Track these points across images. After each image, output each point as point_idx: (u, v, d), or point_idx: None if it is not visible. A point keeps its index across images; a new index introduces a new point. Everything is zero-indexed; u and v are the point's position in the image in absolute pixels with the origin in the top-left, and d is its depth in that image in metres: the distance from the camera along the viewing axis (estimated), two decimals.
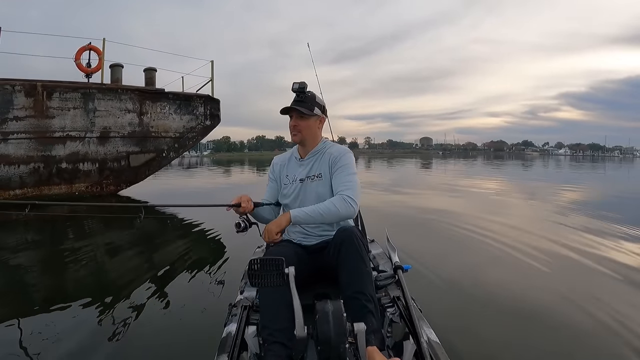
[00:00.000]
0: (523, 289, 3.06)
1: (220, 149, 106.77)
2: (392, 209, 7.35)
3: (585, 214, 6.50)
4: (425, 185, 13.35)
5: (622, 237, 4.82)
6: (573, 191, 10.92)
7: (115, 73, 9.33)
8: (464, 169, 24.27)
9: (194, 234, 5.51)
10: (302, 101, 1.80)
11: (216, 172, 22.07)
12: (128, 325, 2.50)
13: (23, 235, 5.49)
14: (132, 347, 2.25)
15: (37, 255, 4.55)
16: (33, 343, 2.27)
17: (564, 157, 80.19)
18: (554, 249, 4.21)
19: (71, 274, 3.80)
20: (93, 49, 9.10)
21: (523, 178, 17.40)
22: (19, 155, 7.87)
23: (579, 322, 2.46)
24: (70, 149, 8.45)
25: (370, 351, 1.17)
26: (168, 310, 2.78)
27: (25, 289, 3.40)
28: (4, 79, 7.79)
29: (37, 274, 3.88)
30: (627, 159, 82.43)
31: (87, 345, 2.24)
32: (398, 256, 2.01)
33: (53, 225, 5.95)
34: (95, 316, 2.65)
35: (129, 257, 4.43)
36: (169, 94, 9.84)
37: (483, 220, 5.89)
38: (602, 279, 3.34)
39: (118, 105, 8.97)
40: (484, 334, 2.33)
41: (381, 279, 1.85)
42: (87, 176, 8.79)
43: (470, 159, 52.15)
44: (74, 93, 8.43)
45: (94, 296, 3.00)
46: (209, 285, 3.29)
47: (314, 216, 1.67)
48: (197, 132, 10.39)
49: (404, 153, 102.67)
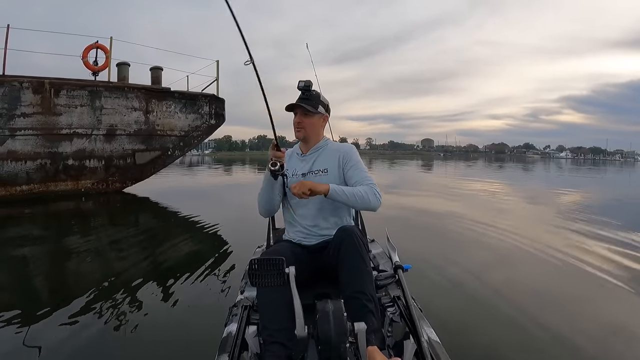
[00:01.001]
0: (525, 289, 3.06)
1: (221, 148, 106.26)
2: (395, 211, 7.35)
3: (587, 218, 6.49)
4: (429, 187, 13.37)
5: (621, 241, 4.80)
6: (574, 194, 10.93)
7: (122, 71, 9.38)
8: (466, 172, 24.18)
9: (195, 232, 5.53)
10: (308, 99, 1.83)
11: (217, 171, 22.00)
12: (127, 325, 2.49)
13: (29, 230, 5.52)
14: (132, 347, 2.24)
15: (40, 250, 4.56)
16: (36, 338, 2.29)
17: (565, 160, 79.88)
18: (555, 250, 4.20)
19: (69, 269, 3.82)
20: (100, 47, 9.14)
21: (525, 181, 17.37)
22: (26, 152, 7.91)
23: (578, 322, 2.46)
24: (76, 146, 8.49)
25: (370, 351, 1.17)
26: (168, 310, 2.76)
27: (29, 284, 3.43)
28: (12, 75, 7.84)
29: (38, 269, 3.87)
30: (628, 162, 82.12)
31: (88, 344, 2.23)
32: (398, 256, 2.01)
33: (59, 221, 6.06)
34: (95, 314, 2.64)
35: (131, 254, 4.44)
36: (174, 92, 9.88)
37: (487, 222, 5.87)
38: (602, 281, 3.33)
39: (125, 104, 9.02)
40: (483, 333, 2.32)
41: (381, 278, 1.85)
42: (93, 173, 8.84)
43: (472, 161, 52.00)
44: (81, 91, 8.47)
45: (95, 293, 3.01)
46: (209, 285, 3.26)
47: (349, 196, 1.69)
48: (202, 131, 10.43)
49: (405, 154, 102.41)
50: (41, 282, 3.54)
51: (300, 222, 1.85)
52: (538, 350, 2.15)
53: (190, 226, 5.94)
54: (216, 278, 3.45)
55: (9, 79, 7.74)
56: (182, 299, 2.93)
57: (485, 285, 3.18)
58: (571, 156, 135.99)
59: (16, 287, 3.36)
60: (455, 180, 16.53)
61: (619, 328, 2.44)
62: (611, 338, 2.32)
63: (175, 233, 5.58)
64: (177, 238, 5.19)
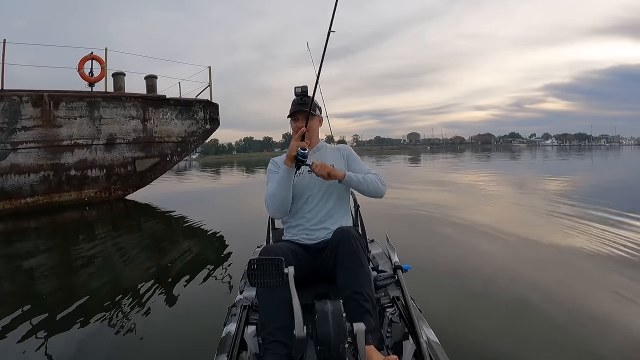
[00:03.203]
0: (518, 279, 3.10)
1: (208, 152, 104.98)
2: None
3: (576, 204, 6.49)
4: (419, 180, 13.49)
5: (611, 223, 4.82)
6: (562, 181, 11.05)
7: (118, 81, 9.39)
8: (454, 163, 24.33)
9: (194, 234, 5.59)
10: (305, 104, 1.86)
11: (208, 175, 21.74)
12: (127, 324, 2.51)
13: (34, 240, 5.62)
14: (132, 347, 2.24)
15: (46, 257, 4.59)
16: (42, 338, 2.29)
17: (551, 148, 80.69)
18: (548, 239, 4.25)
19: (72, 273, 3.86)
20: (95, 58, 9.09)
21: (512, 170, 17.54)
22: (29, 164, 7.92)
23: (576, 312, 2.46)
24: (78, 157, 8.52)
25: (368, 350, 1.18)
26: (167, 310, 2.76)
27: (35, 289, 3.42)
28: (11, 90, 7.82)
29: (43, 275, 3.91)
30: (613, 147, 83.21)
31: (88, 344, 2.26)
32: (398, 256, 2.00)
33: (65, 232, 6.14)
34: (95, 314, 2.66)
35: (133, 257, 4.49)
36: (170, 100, 9.91)
37: (478, 213, 6.00)
38: (596, 266, 3.35)
39: (122, 113, 9.06)
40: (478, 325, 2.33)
41: (381, 279, 1.83)
42: (95, 182, 8.87)
43: (458, 152, 52.05)
44: (80, 102, 8.50)
45: (96, 295, 3.05)
46: (209, 284, 3.27)
47: (362, 181, 1.79)
48: (198, 136, 10.50)
49: (392, 149, 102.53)
50: (49, 286, 3.53)
51: (299, 222, 1.85)
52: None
53: (189, 229, 5.98)
54: (215, 278, 3.44)
55: (8, 93, 7.72)
56: (181, 299, 2.94)
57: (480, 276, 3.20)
58: (557, 143, 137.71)
59: (26, 292, 3.33)
60: (447, 173, 16.56)
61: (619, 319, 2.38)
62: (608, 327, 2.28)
63: (175, 235, 5.65)
64: (176, 240, 5.24)
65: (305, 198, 1.86)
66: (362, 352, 1.06)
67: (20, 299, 3.16)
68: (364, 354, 1.07)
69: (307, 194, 1.86)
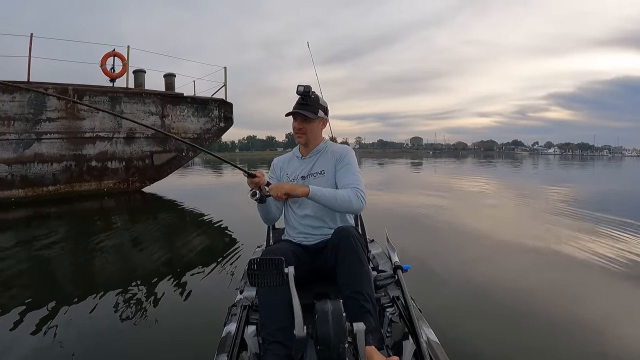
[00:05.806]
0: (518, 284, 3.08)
1: (211, 150, 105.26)
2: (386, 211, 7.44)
3: (578, 212, 6.51)
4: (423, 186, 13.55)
5: (611, 234, 4.79)
6: (565, 190, 10.96)
7: (139, 78, 9.56)
8: (456, 169, 24.22)
9: (201, 227, 5.71)
10: (307, 104, 1.77)
11: (211, 173, 21.41)
12: (127, 324, 2.46)
13: (55, 228, 5.75)
14: (132, 346, 2.20)
15: (62, 246, 4.71)
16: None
17: (553, 157, 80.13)
18: (547, 245, 4.25)
19: (73, 265, 3.92)
20: (117, 55, 9.28)
21: (514, 177, 17.50)
22: (52, 154, 8.09)
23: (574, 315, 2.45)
24: (99, 149, 8.69)
25: (368, 350, 1.15)
26: (167, 310, 2.69)
27: (49, 277, 3.54)
28: (37, 82, 7.96)
29: (54, 264, 3.98)
30: (616, 157, 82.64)
31: (87, 345, 2.21)
32: (398, 256, 1.96)
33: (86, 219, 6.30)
34: (95, 312, 2.63)
35: (136, 251, 4.55)
36: (187, 97, 10.05)
37: (480, 218, 6.07)
38: (593, 272, 3.36)
39: (142, 108, 9.22)
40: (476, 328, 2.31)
41: (381, 278, 1.79)
42: (114, 174, 9.05)
43: (461, 158, 51.49)
44: (103, 97, 8.66)
45: (99, 290, 3.02)
46: (209, 284, 3.19)
47: (329, 198, 1.63)
48: (213, 133, 10.65)
49: (395, 153, 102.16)
50: (62, 274, 3.64)
51: (299, 222, 1.80)
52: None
53: (199, 223, 6.11)
54: (215, 278, 3.36)
55: (35, 85, 7.89)
56: (181, 299, 2.90)
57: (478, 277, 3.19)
58: (559, 152, 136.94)
59: (44, 279, 3.41)
60: (451, 179, 16.56)
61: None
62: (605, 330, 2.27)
63: (185, 230, 5.67)
64: (185, 235, 5.24)
65: (299, 199, 1.78)
66: (362, 352, 1.05)
67: (34, 281, 3.30)
68: (364, 354, 1.05)
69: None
